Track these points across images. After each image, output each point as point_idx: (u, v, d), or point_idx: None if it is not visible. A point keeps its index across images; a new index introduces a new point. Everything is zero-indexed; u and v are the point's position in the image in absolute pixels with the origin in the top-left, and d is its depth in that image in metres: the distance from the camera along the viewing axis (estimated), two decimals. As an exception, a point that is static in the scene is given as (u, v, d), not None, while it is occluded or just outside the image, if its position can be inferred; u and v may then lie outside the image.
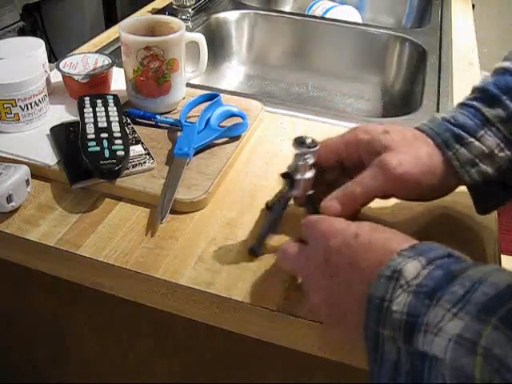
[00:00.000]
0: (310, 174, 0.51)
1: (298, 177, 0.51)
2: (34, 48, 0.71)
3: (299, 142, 0.50)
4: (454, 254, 0.38)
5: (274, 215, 0.54)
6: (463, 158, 0.49)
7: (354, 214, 0.51)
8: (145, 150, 0.64)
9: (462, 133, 0.50)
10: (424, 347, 0.33)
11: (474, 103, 0.51)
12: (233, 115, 0.70)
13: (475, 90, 0.53)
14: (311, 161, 0.51)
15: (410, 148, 0.50)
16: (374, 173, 0.49)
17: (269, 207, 0.58)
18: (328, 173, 0.54)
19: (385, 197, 0.52)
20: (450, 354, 0.32)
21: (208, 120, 0.68)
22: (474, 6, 1.29)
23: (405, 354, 0.35)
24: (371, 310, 0.37)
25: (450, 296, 0.34)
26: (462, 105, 0.53)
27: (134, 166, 0.60)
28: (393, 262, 0.37)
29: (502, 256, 0.56)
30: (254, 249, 0.52)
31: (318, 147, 0.50)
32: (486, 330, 0.31)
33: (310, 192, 0.52)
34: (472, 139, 0.49)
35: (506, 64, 0.52)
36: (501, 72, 0.52)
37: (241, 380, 0.58)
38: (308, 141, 0.50)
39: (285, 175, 0.53)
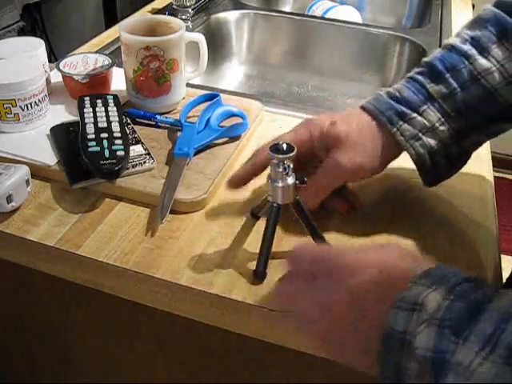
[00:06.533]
0: (291, 180, 0.49)
1: (280, 184, 0.49)
2: (34, 48, 0.71)
3: (274, 149, 0.48)
4: (470, 278, 0.37)
5: (271, 231, 0.50)
6: (407, 133, 0.52)
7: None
8: (145, 149, 0.64)
9: (405, 109, 0.53)
10: None
11: (420, 78, 0.54)
12: (233, 115, 0.70)
13: (423, 63, 0.56)
14: (291, 165, 0.48)
15: (358, 139, 0.52)
16: (327, 171, 0.52)
17: (254, 214, 0.57)
18: None
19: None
20: None
21: (208, 120, 0.68)
22: (474, 6, 1.29)
23: None
24: (392, 343, 0.35)
25: (477, 337, 0.32)
26: (409, 78, 0.55)
27: (134, 166, 0.60)
28: (410, 293, 0.35)
29: (502, 256, 0.56)
30: (260, 272, 0.50)
31: (295, 152, 0.48)
32: None
33: (297, 197, 0.50)
34: (415, 114, 0.52)
35: (454, 41, 0.55)
36: (448, 48, 0.54)
37: (241, 380, 0.58)
38: (284, 146, 0.48)
39: (252, 214, 0.56)
